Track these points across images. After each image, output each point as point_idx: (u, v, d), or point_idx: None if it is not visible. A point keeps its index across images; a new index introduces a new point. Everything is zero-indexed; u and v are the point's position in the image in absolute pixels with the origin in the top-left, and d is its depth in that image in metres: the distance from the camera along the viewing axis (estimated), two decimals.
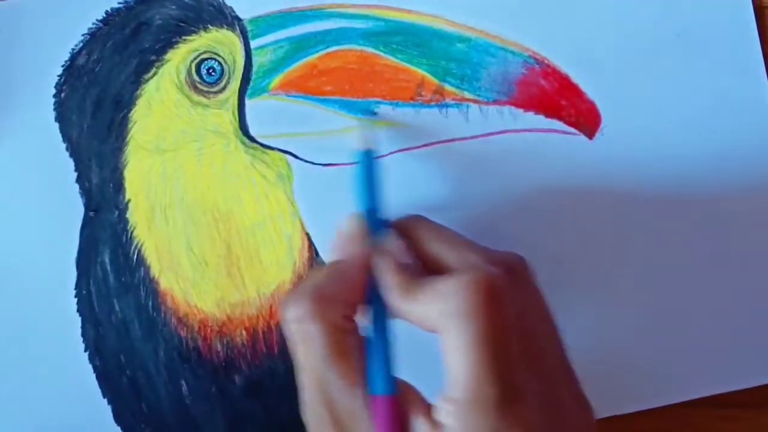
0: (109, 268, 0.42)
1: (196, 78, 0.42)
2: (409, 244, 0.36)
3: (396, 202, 0.41)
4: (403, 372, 0.34)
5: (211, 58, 0.42)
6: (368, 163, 0.38)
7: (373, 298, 0.35)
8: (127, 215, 0.42)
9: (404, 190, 0.42)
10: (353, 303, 0.35)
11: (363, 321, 0.35)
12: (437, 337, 0.32)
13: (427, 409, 0.33)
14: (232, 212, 0.42)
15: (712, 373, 0.41)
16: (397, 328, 0.35)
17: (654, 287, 0.41)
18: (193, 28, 0.42)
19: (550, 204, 0.41)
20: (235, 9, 0.42)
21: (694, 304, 0.41)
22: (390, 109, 0.42)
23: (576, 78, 0.42)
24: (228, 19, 0.42)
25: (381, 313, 0.35)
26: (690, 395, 0.41)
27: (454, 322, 0.31)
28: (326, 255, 0.42)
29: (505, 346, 0.31)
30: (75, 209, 0.42)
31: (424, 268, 0.36)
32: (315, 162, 0.42)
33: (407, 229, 0.37)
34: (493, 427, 0.31)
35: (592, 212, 0.41)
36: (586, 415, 0.35)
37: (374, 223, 0.36)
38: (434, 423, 0.32)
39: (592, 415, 0.35)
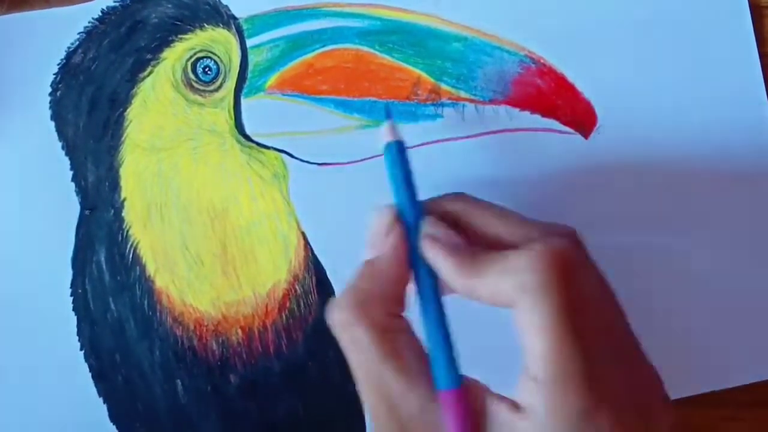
0: (104, 266, 0.42)
1: (191, 77, 0.42)
2: (452, 224, 0.34)
3: (391, 201, 0.41)
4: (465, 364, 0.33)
5: (207, 57, 0.42)
6: (397, 153, 0.36)
7: (422, 289, 0.34)
8: (123, 214, 0.42)
9: None
10: (397, 299, 0.34)
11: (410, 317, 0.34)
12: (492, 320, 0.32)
13: (497, 396, 0.32)
14: (228, 211, 0.42)
15: (710, 370, 0.41)
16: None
17: (651, 285, 0.41)
18: (189, 27, 0.42)
19: (546, 203, 0.41)
20: (230, 8, 0.42)
21: (692, 301, 0.41)
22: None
23: (572, 77, 0.42)
24: (224, 18, 0.42)
25: (434, 303, 0.34)
26: (688, 392, 0.41)
27: (531, 297, 0.30)
28: (321, 254, 0.42)
29: (584, 319, 0.31)
30: (71, 208, 0.42)
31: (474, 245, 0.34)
32: (311, 161, 0.42)
33: (450, 207, 0.35)
34: (580, 403, 0.30)
35: (588, 211, 0.41)
36: (661, 386, 0.34)
37: (411, 211, 0.35)
38: (514, 405, 0.31)
39: (664, 386, 0.34)
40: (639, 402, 0.32)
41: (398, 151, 0.36)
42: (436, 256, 0.33)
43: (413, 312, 0.34)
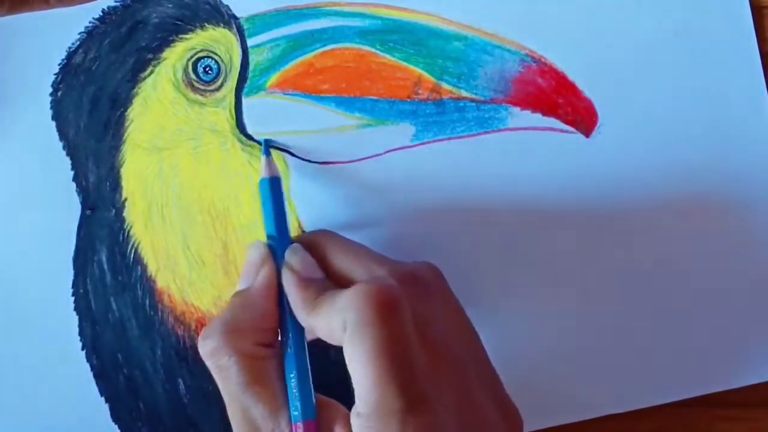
0: (106, 266, 0.42)
1: (192, 76, 0.42)
2: (317, 259, 0.37)
3: (391, 200, 0.41)
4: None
5: (208, 57, 0.42)
6: (272, 189, 0.38)
7: (285, 320, 0.36)
8: (124, 214, 0.42)
9: (400, 188, 0.42)
10: (266, 330, 0.35)
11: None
12: None
13: (344, 424, 0.33)
14: (229, 210, 0.42)
15: (709, 372, 0.41)
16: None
17: (651, 285, 0.41)
18: (189, 27, 0.42)
19: (547, 202, 0.41)
20: (231, 7, 0.42)
21: (691, 302, 0.41)
22: (387, 107, 0.42)
23: (573, 76, 0.42)
24: (224, 18, 0.42)
25: (295, 334, 0.35)
26: (687, 394, 0.41)
27: (350, 335, 0.32)
28: None
29: (404, 356, 0.31)
30: (72, 208, 0.42)
31: (335, 284, 0.36)
32: (312, 160, 0.42)
33: (314, 244, 0.37)
34: None
35: (588, 210, 0.41)
36: (510, 422, 0.34)
37: (281, 245, 0.37)
38: None
39: (517, 422, 0.35)
40: None
41: (272, 187, 0.38)
42: (289, 286, 0.35)
43: None
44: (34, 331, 0.42)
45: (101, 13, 0.42)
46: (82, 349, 0.42)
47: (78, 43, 0.42)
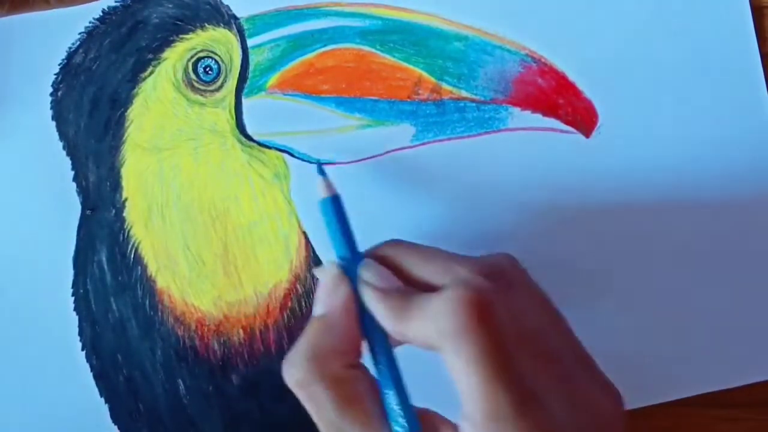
0: (106, 266, 0.42)
1: (192, 77, 0.42)
2: (392, 270, 0.35)
3: (392, 201, 0.41)
4: (421, 395, 0.34)
5: (208, 57, 0.42)
6: (334, 208, 0.37)
7: (371, 337, 0.35)
8: (124, 214, 0.42)
9: (400, 188, 0.42)
10: (352, 350, 0.34)
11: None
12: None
13: (453, 430, 0.32)
14: (229, 211, 0.42)
15: (710, 371, 0.41)
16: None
17: (651, 286, 0.41)
18: (189, 27, 0.42)
19: (547, 203, 0.41)
20: (231, 8, 0.42)
21: (692, 302, 0.41)
22: (387, 107, 0.42)
23: (573, 76, 0.42)
24: (225, 18, 0.42)
25: (383, 350, 0.34)
26: (688, 393, 0.41)
27: (451, 342, 0.31)
28: (323, 253, 0.42)
29: (508, 354, 0.31)
30: (72, 208, 0.42)
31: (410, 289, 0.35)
32: (312, 160, 0.42)
33: (384, 257, 0.36)
34: None
35: (588, 211, 0.41)
36: (611, 400, 0.34)
37: (353, 263, 0.36)
38: None
39: (618, 399, 0.34)
40: (584, 428, 0.32)
41: (334, 206, 0.37)
42: (371, 301, 0.34)
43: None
44: (34, 331, 0.42)
45: (101, 14, 0.42)
46: (82, 350, 0.42)
47: (78, 43, 0.42)
